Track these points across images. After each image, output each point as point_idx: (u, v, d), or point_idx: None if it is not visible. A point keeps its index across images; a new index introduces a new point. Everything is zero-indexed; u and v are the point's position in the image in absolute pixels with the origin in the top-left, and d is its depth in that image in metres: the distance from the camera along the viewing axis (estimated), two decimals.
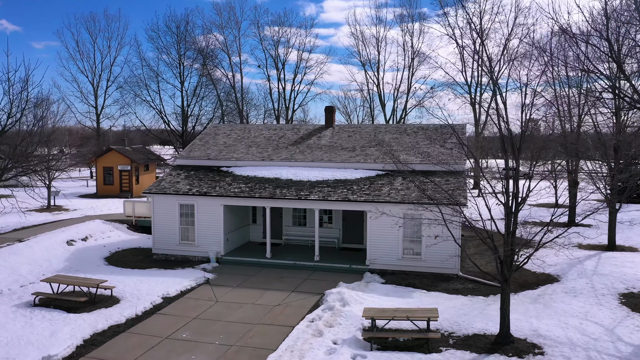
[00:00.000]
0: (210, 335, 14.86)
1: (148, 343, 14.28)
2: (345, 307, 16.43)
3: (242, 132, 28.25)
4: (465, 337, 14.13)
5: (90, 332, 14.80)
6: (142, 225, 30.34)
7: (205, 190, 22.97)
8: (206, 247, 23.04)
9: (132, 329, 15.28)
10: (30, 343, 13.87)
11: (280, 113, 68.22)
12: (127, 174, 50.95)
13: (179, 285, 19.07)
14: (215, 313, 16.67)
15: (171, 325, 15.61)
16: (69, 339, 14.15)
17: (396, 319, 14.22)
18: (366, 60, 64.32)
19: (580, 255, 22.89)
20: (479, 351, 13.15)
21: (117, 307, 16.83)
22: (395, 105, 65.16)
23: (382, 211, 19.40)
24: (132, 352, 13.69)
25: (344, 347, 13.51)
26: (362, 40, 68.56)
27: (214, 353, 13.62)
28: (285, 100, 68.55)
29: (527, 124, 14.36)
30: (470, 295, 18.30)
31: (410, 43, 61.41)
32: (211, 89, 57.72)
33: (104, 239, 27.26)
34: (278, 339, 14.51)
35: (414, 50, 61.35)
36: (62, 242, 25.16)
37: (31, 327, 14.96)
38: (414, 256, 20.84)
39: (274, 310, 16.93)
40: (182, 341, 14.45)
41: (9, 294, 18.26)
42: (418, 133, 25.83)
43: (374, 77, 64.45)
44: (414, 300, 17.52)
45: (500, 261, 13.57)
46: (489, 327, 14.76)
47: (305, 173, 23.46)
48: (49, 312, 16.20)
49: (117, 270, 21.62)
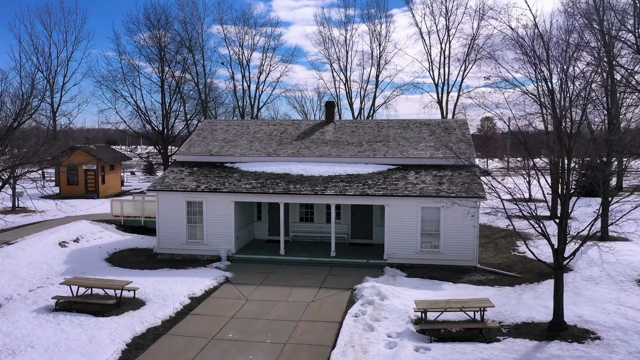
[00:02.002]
0: (257, 334, 14.37)
1: (196, 344, 13.62)
2: (385, 301, 16.32)
3: (241, 128, 27.56)
4: (516, 326, 14.34)
5: (129, 335, 13.96)
6: (131, 225, 29.05)
7: (215, 186, 22.23)
8: (216, 246, 22.29)
9: (172, 331, 14.55)
10: (71, 349, 12.91)
11: (245, 111, 67.16)
12: (93, 174, 48.66)
13: (202, 285, 18.34)
14: (251, 312, 16.14)
15: (211, 325, 14.98)
16: (111, 344, 13.29)
17: (449, 310, 14.24)
18: (334, 59, 64.38)
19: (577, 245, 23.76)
20: (537, 338, 13.36)
21: (145, 309, 15.97)
22: (362, 105, 65.62)
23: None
24: (183, 354, 13.01)
25: (404, 340, 13.40)
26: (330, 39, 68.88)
27: (271, 352, 13.16)
28: (250, 99, 67.59)
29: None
30: (497, 286, 18.60)
31: (378, 42, 61.89)
32: (193, 85, 55.80)
33: (95, 240, 25.87)
34: (329, 335, 14.23)
35: (380, 50, 61.87)
36: (54, 244, 23.66)
37: (63, 333, 13.94)
38: (432, 249, 20.99)
39: (310, 306, 16.58)
40: (230, 341, 13.88)
41: (21, 299, 16.97)
42: (421, 128, 26.06)
43: (341, 76, 64.63)
44: (445, 292, 17.63)
45: (555, 250, 13.84)
46: (533, 315, 15.05)
47: (316, 168, 23.17)
48: (75, 316, 15.15)
49: (125, 271, 20.56)
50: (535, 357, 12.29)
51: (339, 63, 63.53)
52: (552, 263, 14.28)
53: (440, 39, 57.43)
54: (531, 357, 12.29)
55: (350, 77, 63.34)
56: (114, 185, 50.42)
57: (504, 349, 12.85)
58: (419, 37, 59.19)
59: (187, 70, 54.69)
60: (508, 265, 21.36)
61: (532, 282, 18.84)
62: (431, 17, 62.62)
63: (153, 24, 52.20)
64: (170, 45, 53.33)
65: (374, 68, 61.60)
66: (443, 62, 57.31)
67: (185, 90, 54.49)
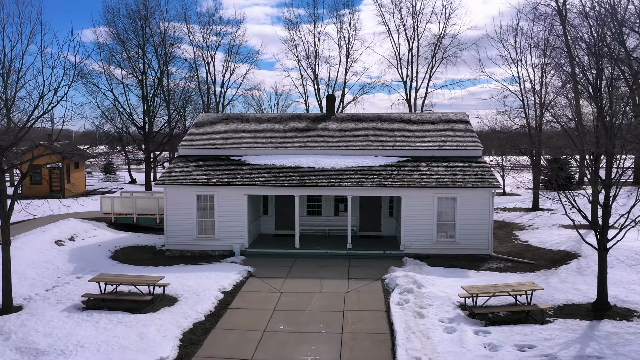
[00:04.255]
0: (307, 325, 14.12)
1: (251, 337, 13.23)
2: (422, 289, 16.43)
3: (241, 121, 26.97)
4: (559, 308, 14.77)
5: (178, 331, 13.38)
6: (122, 223, 27.85)
7: (227, 179, 21.65)
8: (228, 241, 21.72)
9: (219, 325, 14.07)
10: (126, 347, 12.23)
11: (210, 109, 65.84)
12: (58, 173, 46.37)
13: (229, 280, 17.82)
14: (290, 304, 15.83)
15: (256, 318, 14.59)
16: (164, 340, 12.69)
17: (497, 294, 14.51)
18: (303, 56, 64.19)
19: (573, 233, 24.77)
20: (586, 318, 13.82)
21: (182, 305, 15.35)
22: None
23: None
24: (242, 347, 12.61)
25: (461, 324, 13.54)
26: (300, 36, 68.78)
27: (331, 342, 12.97)
28: (215, 96, 66.40)
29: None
30: (518, 272, 19.10)
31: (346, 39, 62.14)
32: (176, 81, 53.89)
33: (90, 238, 24.63)
34: (382, 323, 14.18)
35: (348, 47, 62.16)
36: (51, 243, 22.35)
37: (107, 331, 13.17)
38: (447, 239, 21.32)
39: (348, 297, 16.45)
40: (284, 333, 13.58)
41: (41, 299, 15.91)
42: (424, 121, 26.39)
43: (310, 73, 64.54)
44: (473, 280, 17.94)
45: (599, 232, 14.35)
46: (569, 297, 15.55)
47: (326, 161, 23.02)
48: (111, 314, 14.34)
49: (139, 268, 19.68)
50: (594, 334, 12.71)
51: (307, 60, 63.42)
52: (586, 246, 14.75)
53: (408, 37, 58.39)
54: (590, 335, 12.70)
55: (318, 74, 63.28)
56: (79, 185, 48.21)
57: (560, 328, 13.22)
58: (388, 35, 60.11)
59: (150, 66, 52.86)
60: (518, 253, 21.98)
61: (550, 268, 19.46)
62: (399, 15, 63.81)
63: (112, 19, 50.04)
64: (133, 41, 51.31)
65: (342, 66, 61.94)
66: (411, 61, 58.32)
67: (144, 87, 52.44)
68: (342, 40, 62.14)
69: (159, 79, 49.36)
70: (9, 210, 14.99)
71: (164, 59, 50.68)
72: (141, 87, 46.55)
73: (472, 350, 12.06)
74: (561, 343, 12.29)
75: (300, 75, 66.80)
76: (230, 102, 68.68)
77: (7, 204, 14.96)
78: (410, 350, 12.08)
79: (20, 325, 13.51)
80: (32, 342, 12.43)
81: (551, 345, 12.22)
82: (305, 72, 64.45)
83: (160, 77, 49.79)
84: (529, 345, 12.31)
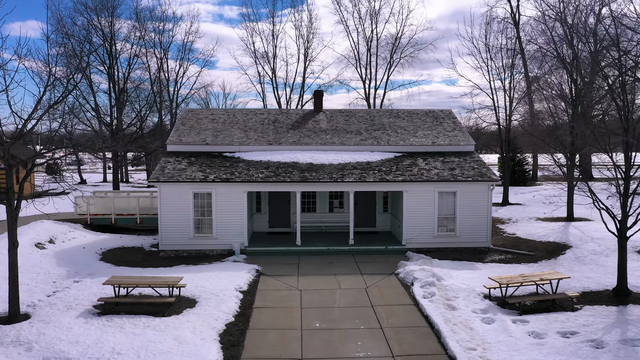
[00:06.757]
0: (343, 321, 13.80)
1: (291, 336, 12.75)
2: (443, 282, 16.50)
3: (228, 117, 26.11)
4: (581, 295, 15.22)
5: (214, 333, 12.68)
6: (98, 224, 26.29)
7: (225, 176, 20.86)
8: (227, 239, 20.94)
9: (252, 325, 13.47)
10: (167, 352, 11.43)
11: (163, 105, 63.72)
12: (4, 173, 43.17)
13: (242, 279, 17.15)
14: (316, 301, 15.43)
15: (287, 317, 14.11)
16: (205, 343, 11.98)
17: (525, 284, 14.77)
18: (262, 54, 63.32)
19: (553, 226, 25.81)
20: (612, 304, 14.31)
21: (204, 306, 14.58)
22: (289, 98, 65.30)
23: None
24: (287, 347, 12.12)
25: (497, 314, 13.67)
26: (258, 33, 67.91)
27: (376, 337, 12.72)
28: (169, 93, 64.32)
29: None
30: (522, 263, 19.60)
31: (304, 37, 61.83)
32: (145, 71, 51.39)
33: (70, 240, 23.02)
34: (416, 316, 14.08)
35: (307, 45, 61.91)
36: (31, 246, 20.71)
37: (137, 336, 12.26)
38: (448, 233, 21.56)
39: (370, 292, 16.25)
40: (324, 330, 13.19)
41: (46, 305, 14.62)
42: (412, 117, 26.60)
43: (268, 71, 63.76)
44: (483, 271, 18.21)
45: (620, 222, 14.90)
46: (585, 285, 16.09)
47: (323, 157, 22.71)
48: (133, 318, 13.39)
49: (138, 270, 18.58)
50: (626, 319, 13.17)
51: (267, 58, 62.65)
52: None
53: (366, 36, 58.89)
54: (624, 319, 13.15)
55: (277, 72, 62.67)
56: (28, 186, 45.17)
57: (592, 314, 13.61)
58: (347, 34, 60.43)
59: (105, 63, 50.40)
60: (513, 245, 22.57)
61: (550, 259, 20.08)
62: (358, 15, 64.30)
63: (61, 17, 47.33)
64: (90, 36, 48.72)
65: (301, 64, 61.70)
66: (369, 60, 58.87)
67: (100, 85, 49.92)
68: (300, 38, 61.88)
69: (125, 75, 47.38)
70: (15, 209, 13.69)
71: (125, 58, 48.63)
72: (109, 82, 44.39)
73: (521, 339, 12.17)
74: (601, 328, 12.64)
75: (257, 73, 65.93)
76: (185, 100, 66.84)
77: (14, 202, 13.66)
78: (461, 342, 12.02)
79: (38, 334, 12.34)
80: (60, 352, 11.36)
81: (592, 330, 12.54)
82: (263, 69, 63.71)
83: (127, 76, 47.83)
84: (571, 332, 12.57)
